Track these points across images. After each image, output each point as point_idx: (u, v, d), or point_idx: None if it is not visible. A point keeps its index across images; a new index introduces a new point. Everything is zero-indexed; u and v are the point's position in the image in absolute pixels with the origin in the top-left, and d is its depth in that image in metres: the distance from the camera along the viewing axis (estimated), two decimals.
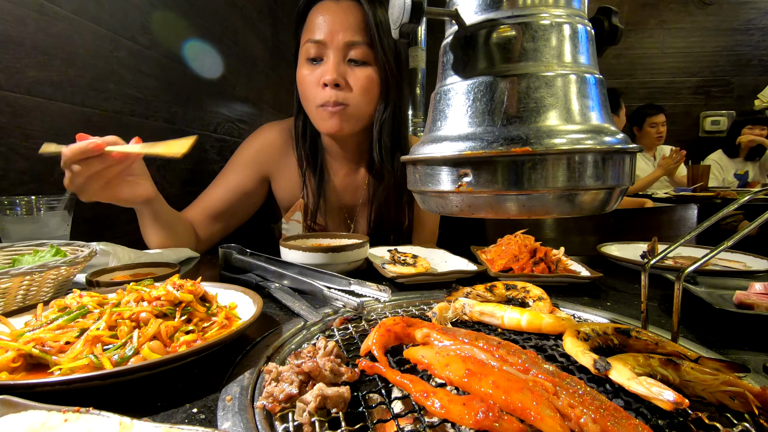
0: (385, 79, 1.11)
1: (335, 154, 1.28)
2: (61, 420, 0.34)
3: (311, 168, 1.25)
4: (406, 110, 1.26)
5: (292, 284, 0.78)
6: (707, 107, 4.52)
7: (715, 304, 0.63)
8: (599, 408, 0.35)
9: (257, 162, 1.27)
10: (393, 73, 1.11)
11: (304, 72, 1.10)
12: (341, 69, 1.06)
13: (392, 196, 1.25)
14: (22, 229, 0.85)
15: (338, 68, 1.06)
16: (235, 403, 0.41)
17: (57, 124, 1.00)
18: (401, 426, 0.37)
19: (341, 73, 1.06)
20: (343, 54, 1.06)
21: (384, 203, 1.25)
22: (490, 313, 0.60)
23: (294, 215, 1.28)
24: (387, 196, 1.24)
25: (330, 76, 1.04)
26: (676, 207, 1.99)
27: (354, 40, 1.05)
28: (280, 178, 1.30)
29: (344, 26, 1.05)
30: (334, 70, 1.05)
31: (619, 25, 0.45)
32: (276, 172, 1.30)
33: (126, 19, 1.21)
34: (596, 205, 0.42)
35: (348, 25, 1.05)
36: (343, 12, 1.05)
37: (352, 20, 1.05)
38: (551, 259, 0.91)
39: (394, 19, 0.41)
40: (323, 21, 1.05)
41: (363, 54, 1.07)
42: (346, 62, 1.07)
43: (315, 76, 1.08)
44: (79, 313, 0.51)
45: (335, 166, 1.29)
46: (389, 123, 1.16)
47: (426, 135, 0.47)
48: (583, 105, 0.40)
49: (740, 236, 0.46)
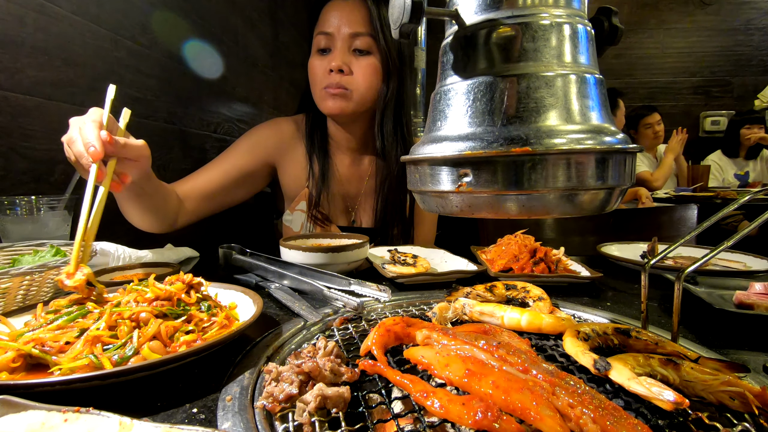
0: (387, 68, 1.21)
1: (340, 143, 1.33)
2: (61, 420, 0.34)
3: (317, 155, 1.30)
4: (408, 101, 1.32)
5: (292, 284, 0.78)
6: (707, 107, 4.52)
7: (715, 304, 0.63)
8: (598, 407, 0.35)
9: (266, 147, 1.30)
10: (394, 62, 1.21)
11: (315, 61, 1.21)
12: (346, 58, 1.17)
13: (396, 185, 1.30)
14: (22, 229, 0.85)
15: (343, 57, 1.17)
16: (235, 403, 0.41)
17: (57, 124, 1.00)
18: (401, 426, 0.37)
19: (346, 60, 1.17)
20: (348, 44, 1.17)
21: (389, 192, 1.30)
22: (490, 313, 0.60)
23: (299, 205, 1.31)
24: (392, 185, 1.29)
25: (336, 63, 1.16)
26: (676, 207, 1.99)
27: (358, 31, 1.16)
28: (287, 168, 1.34)
29: (350, 20, 1.17)
30: (339, 57, 1.16)
31: (619, 25, 0.45)
32: (283, 161, 1.33)
33: (126, 19, 1.21)
34: (596, 205, 0.42)
35: (353, 19, 1.17)
36: (349, 8, 1.18)
37: (357, 15, 1.17)
38: (551, 259, 0.91)
39: (394, 19, 0.41)
40: (332, 16, 1.18)
41: (366, 44, 1.17)
42: (352, 52, 1.18)
43: (323, 64, 1.19)
44: (79, 314, 0.51)
45: (340, 155, 1.34)
46: (391, 108, 1.25)
47: (426, 135, 0.47)
48: (583, 105, 0.40)
49: (740, 236, 0.46)
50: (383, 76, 1.21)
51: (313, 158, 1.30)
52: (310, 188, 1.29)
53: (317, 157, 1.30)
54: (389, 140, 1.26)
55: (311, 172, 1.30)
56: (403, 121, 1.28)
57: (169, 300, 0.54)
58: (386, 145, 1.26)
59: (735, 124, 3.82)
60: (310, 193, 1.29)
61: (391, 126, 1.25)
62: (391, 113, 1.25)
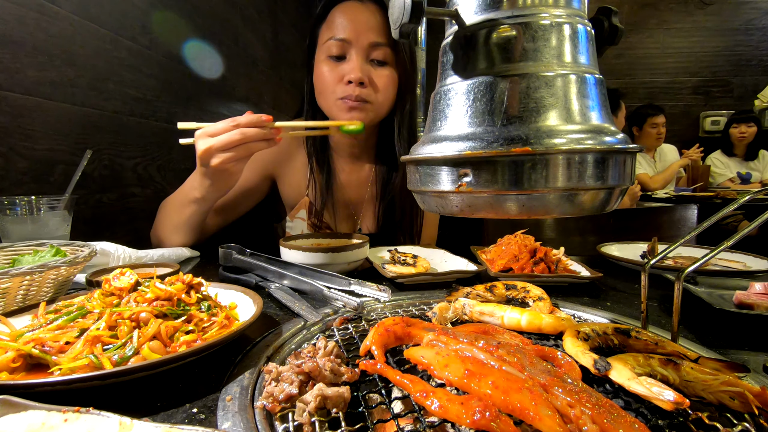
0: (403, 80, 1.17)
1: (342, 151, 1.31)
2: (61, 420, 0.34)
3: (319, 165, 1.27)
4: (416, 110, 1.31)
5: (292, 284, 0.78)
6: (707, 107, 4.52)
7: (715, 304, 0.63)
8: (596, 405, 0.35)
9: (263, 161, 1.28)
10: (410, 73, 1.18)
11: (325, 68, 1.12)
12: (365, 68, 1.10)
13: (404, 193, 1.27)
14: (22, 229, 0.85)
15: (363, 67, 1.09)
16: (235, 403, 0.41)
17: (57, 124, 1.00)
18: (401, 426, 0.37)
19: (366, 72, 1.10)
20: (366, 54, 1.10)
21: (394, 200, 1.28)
22: (490, 313, 0.60)
23: (299, 213, 1.30)
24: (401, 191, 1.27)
25: (356, 75, 1.07)
26: (676, 207, 1.99)
27: (378, 41, 1.09)
28: (287, 179, 1.32)
29: (369, 27, 1.08)
30: (360, 69, 1.08)
31: (619, 25, 0.45)
32: (282, 172, 1.32)
33: (126, 19, 1.21)
34: (596, 205, 0.42)
35: (372, 26, 1.09)
36: (367, 13, 1.09)
37: (375, 22, 1.09)
38: (551, 259, 0.91)
39: (394, 19, 0.42)
40: (348, 20, 1.09)
41: (385, 55, 1.11)
42: (369, 62, 1.12)
43: (337, 72, 1.10)
44: (79, 314, 0.51)
45: (341, 163, 1.32)
46: (407, 120, 1.22)
47: (426, 135, 0.47)
48: (583, 105, 0.40)
49: (740, 236, 0.46)
50: (400, 89, 1.18)
51: (313, 166, 1.27)
52: (311, 196, 1.27)
53: (318, 165, 1.27)
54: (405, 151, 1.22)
55: (312, 181, 1.27)
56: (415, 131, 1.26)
57: (169, 300, 0.54)
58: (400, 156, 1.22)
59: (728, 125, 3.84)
60: (310, 201, 1.27)
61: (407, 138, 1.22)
62: (408, 124, 1.22)
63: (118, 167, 1.20)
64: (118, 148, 1.19)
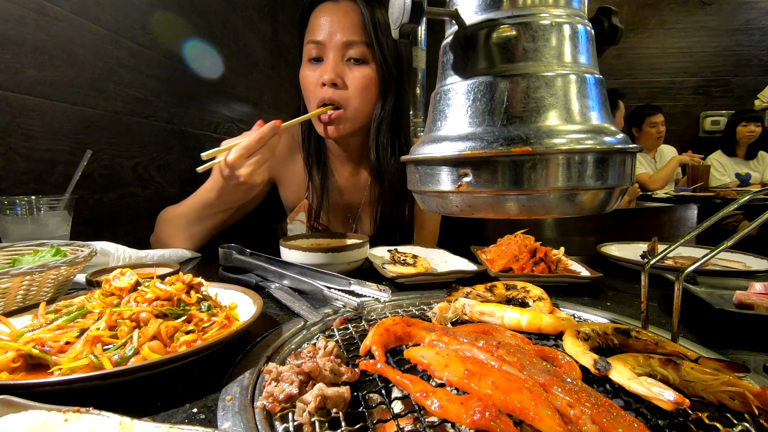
0: (384, 78, 1.12)
1: (338, 154, 1.30)
2: (61, 420, 0.34)
3: (316, 167, 1.27)
4: (407, 110, 1.26)
5: (292, 284, 0.78)
6: (707, 107, 4.52)
7: (715, 304, 0.63)
8: (595, 405, 0.35)
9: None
10: (392, 72, 1.12)
11: (306, 72, 1.12)
12: (339, 68, 1.08)
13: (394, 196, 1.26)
14: (22, 229, 0.85)
15: (336, 68, 1.07)
16: (235, 403, 0.41)
17: (57, 124, 1.00)
18: (401, 426, 0.37)
19: (339, 72, 1.08)
20: (341, 53, 1.08)
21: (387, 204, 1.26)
22: (490, 313, 0.60)
23: (298, 215, 1.30)
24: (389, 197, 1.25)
25: (328, 76, 1.06)
26: (676, 207, 1.99)
27: (352, 39, 1.07)
28: (286, 182, 1.32)
29: (342, 26, 1.07)
30: (332, 70, 1.07)
31: (619, 25, 0.45)
32: (281, 176, 1.32)
33: (126, 19, 1.21)
34: (596, 205, 0.42)
35: (346, 25, 1.07)
36: (341, 13, 1.08)
37: (350, 21, 1.07)
38: (551, 259, 0.91)
39: (394, 19, 0.41)
40: (323, 22, 1.08)
41: (361, 53, 1.08)
42: (345, 61, 1.09)
43: (315, 75, 1.10)
44: (79, 314, 0.51)
45: (339, 166, 1.31)
46: (387, 122, 1.17)
47: (426, 135, 0.47)
48: (583, 105, 0.40)
49: (740, 236, 0.46)
50: (379, 88, 1.13)
51: (312, 170, 1.26)
52: (310, 199, 1.27)
53: (316, 169, 1.26)
54: (385, 154, 1.19)
55: (310, 184, 1.27)
56: (401, 133, 1.21)
57: (170, 300, 0.54)
58: (381, 160, 1.19)
59: (732, 123, 3.83)
60: (309, 204, 1.27)
61: (387, 140, 1.18)
62: (388, 127, 1.17)
63: (118, 167, 1.20)
64: (118, 148, 1.19)
